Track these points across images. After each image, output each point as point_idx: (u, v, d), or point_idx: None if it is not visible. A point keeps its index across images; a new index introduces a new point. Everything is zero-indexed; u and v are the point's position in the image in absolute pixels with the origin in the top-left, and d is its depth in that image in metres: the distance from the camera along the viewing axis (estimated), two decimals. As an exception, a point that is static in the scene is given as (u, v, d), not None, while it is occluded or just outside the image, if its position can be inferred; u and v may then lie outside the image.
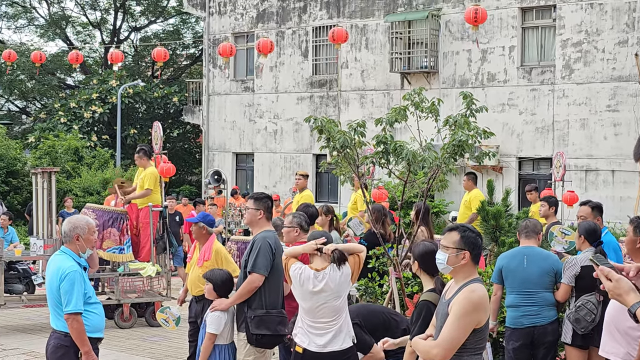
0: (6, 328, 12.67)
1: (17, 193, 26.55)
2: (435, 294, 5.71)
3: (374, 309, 7.43)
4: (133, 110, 34.80)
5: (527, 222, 7.96)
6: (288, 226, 7.75)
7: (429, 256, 5.77)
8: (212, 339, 7.07)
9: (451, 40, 23.15)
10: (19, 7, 40.71)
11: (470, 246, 4.88)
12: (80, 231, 6.22)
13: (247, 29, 27.82)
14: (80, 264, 6.20)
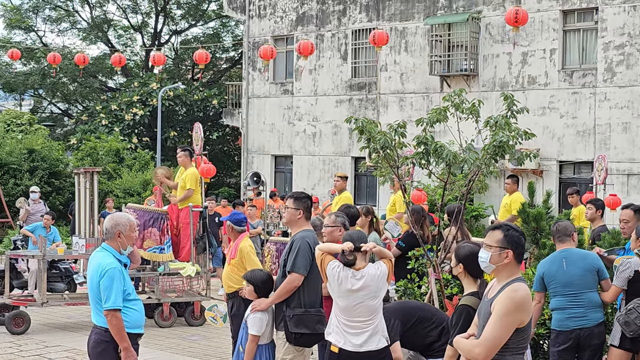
0: (48, 326, 12.84)
1: (59, 194, 26.92)
2: (475, 298, 5.64)
3: (411, 306, 7.30)
4: (173, 112, 35.09)
5: (557, 226, 7.84)
6: (331, 225, 7.75)
7: (474, 258, 5.72)
8: (255, 340, 7.08)
9: (491, 43, 23.01)
10: (62, 10, 41.25)
11: (513, 245, 4.85)
12: (122, 228, 6.29)
13: (287, 32, 27.91)
14: (120, 260, 6.27)
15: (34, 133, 29.30)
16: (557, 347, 7.50)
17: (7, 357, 10.55)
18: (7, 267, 13.24)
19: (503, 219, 14.11)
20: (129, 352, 6.13)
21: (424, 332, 6.87)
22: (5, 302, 12.77)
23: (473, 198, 21.54)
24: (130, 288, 6.29)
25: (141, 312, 6.37)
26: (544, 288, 7.64)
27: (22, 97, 44.49)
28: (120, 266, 6.23)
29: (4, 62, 39.27)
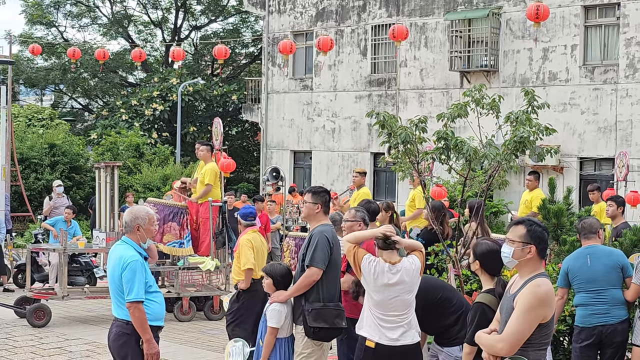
0: (69, 319, 12.93)
1: (79, 188, 27.08)
2: (492, 296, 5.60)
3: (435, 284, 7.23)
4: (193, 108, 35.19)
5: (583, 223, 7.80)
6: (351, 220, 7.76)
7: (491, 255, 5.69)
8: (274, 332, 7.09)
9: (512, 39, 22.91)
10: (83, 6, 41.48)
11: (536, 240, 4.83)
12: (141, 221, 6.32)
13: (306, 28, 27.91)
14: (141, 253, 6.30)
15: (54, 128, 29.50)
16: (580, 343, 7.46)
17: (29, 349, 10.64)
18: (28, 261, 13.34)
19: (523, 215, 14.04)
20: (151, 344, 6.16)
21: (445, 313, 6.82)
22: (26, 295, 12.86)
23: (493, 194, 21.46)
24: (152, 280, 6.33)
25: (162, 305, 6.39)
26: (568, 284, 7.61)
27: (43, 92, 44.78)
28: (142, 259, 6.27)
29: (26, 57, 39.54)
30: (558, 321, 7.84)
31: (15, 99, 39.45)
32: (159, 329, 6.36)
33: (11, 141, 23.84)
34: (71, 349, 10.66)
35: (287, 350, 7.18)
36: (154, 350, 6.18)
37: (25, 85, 41.75)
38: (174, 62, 28.73)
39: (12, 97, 26.33)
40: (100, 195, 13.28)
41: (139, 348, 6.19)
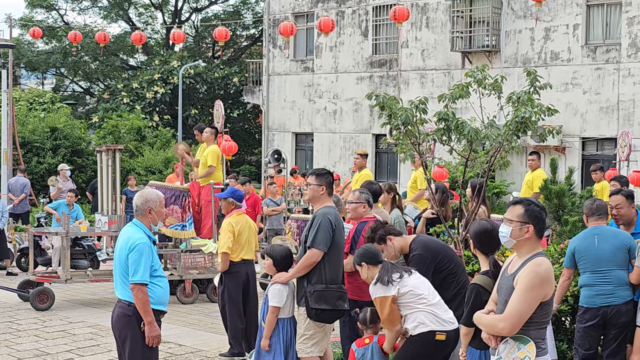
0: (72, 302, 12.97)
1: (81, 172, 27.12)
2: (487, 277, 5.61)
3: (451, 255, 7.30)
4: (194, 90, 35.14)
5: (595, 204, 7.77)
6: (355, 202, 7.76)
7: (484, 235, 5.68)
8: (275, 312, 7.12)
9: (514, 19, 22.82)
10: (83, -12, 41.37)
11: (534, 220, 4.84)
12: (152, 204, 6.31)
13: (307, 9, 27.81)
14: (150, 237, 6.30)
15: (56, 111, 29.50)
16: (584, 323, 7.45)
17: (32, 332, 10.68)
18: (31, 245, 13.37)
19: (525, 195, 14.03)
20: (152, 327, 6.17)
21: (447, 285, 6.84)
22: (29, 279, 12.90)
23: (494, 175, 21.46)
24: (158, 265, 6.32)
25: (166, 290, 6.38)
26: (575, 265, 7.60)
27: (44, 75, 44.75)
28: (150, 242, 6.27)
29: (26, 40, 39.46)
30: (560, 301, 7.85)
31: (17, 82, 39.42)
32: (161, 313, 6.35)
33: (13, 125, 23.85)
34: (74, 332, 10.70)
35: (289, 331, 7.20)
36: (155, 333, 6.19)
37: (26, 69, 41.70)
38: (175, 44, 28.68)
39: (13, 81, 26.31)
40: (102, 178, 13.28)
41: (140, 330, 6.20)
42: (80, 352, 9.61)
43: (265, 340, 7.14)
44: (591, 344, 7.44)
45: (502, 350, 4.84)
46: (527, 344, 4.76)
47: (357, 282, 7.65)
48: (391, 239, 7.00)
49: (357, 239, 7.66)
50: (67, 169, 19.53)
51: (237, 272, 9.16)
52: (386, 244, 6.99)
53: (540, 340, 4.81)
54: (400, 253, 7.07)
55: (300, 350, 7.10)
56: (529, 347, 4.75)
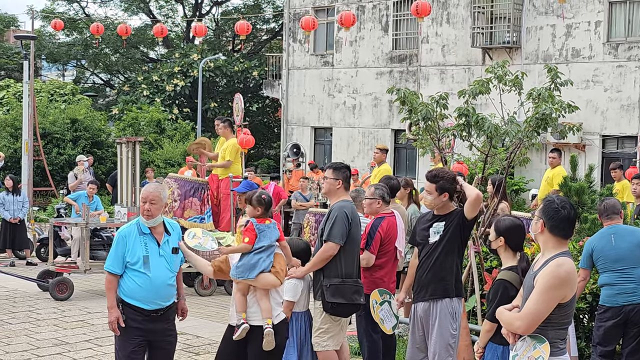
0: (91, 292, 13.06)
1: (101, 163, 27.25)
2: (513, 272, 5.59)
3: None
4: (213, 83, 35.21)
5: (605, 203, 7.75)
6: (369, 198, 7.79)
7: (515, 230, 5.69)
8: (289, 306, 7.12)
9: (535, 15, 22.70)
10: (105, -19, 41.54)
11: (546, 216, 4.80)
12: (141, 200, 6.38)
13: (328, 3, 27.78)
14: (142, 230, 6.29)
15: (76, 103, 29.65)
16: (605, 322, 7.43)
17: (52, 322, 10.77)
18: (51, 235, 13.47)
19: (544, 192, 13.98)
20: (110, 311, 6.25)
21: None
22: (49, 269, 13.01)
23: (514, 172, 21.37)
24: (136, 259, 6.22)
25: (143, 287, 6.23)
26: (591, 265, 7.57)
27: (65, 67, 45.00)
28: (130, 232, 6.27)
29: (48, 32, 39.69)
30: (578, 299, 7.83)
31: (38, 74, 39.63)
32: (140, 309, 6.25)
33: (34, 116, 24.00)
34: (93, 322, 10.78)
35: (303, 325, 7.20)
36: (110, 319, 6.25)
37: (48, 60, 41.93)
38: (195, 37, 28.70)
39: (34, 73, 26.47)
40: (122, 170, 13.35)
41: (121, 326, 6.25)
42: (99, 342, 9.68)
43: None
44: (611, 342, 7.43)
45: (520, 347, 4.85)
46: (543, 344, 4.75)
47: (373, 277, 7.66)
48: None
49: (373, 235, 7.66)
50: (85, 160, 19.62)
51: None
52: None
53: (558, 341, 4.78)
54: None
55: (316, 344, 7.11)
56: (544, 347, 4.74)
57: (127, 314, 6.25)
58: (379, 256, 7.73)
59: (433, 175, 6.78)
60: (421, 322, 6.76)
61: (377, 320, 7.53)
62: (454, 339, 6.67)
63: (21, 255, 16.49)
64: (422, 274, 6.74)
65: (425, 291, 6.69)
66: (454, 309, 6.68)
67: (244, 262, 6.47)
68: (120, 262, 6.23)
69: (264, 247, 6.49)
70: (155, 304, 6.28)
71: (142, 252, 6.23)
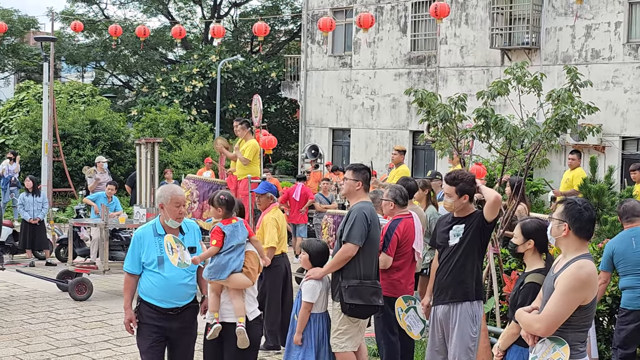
0: (110, 293, 13.12)
1: (120, 164, 27.36)
2: (543, 275, 5.53)
3: None
4: (232, 85, 35.29)
5: (625, 206, 7.69)
6: (384, 199, 7.81)
7: (542, 233, 5.63)
8: (308, 307, 7.12)
9: (554, 16, 22.60)
10: (124, -17, 41.73)
11: (570, 218, 4.77)
12: (164, 200, 6.37)
13: (346, 5, 27.78)
14: (157, 231, 6.36)
15: (95, 104, 29.80)
16: (627, 325, 7.38)
17: (71, 322, 10.82)
18: (70, 236, 13.54)
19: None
20: (125, 312, 6.40)
21: None
22: (68, 269, 13.07)
23: (533, 173, 21.28)
24: (151, 259, 6.30)
25: (157, 286, 6.31)
26: (612, 268, 7.52)
27: (85, 69, 45.22)
28: (145, 233, 6.35)
29: (67, 34, 39.91)
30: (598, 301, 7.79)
31: (57, 75, 39.89)
32: (157, 308, 6.34)
33: (53, 117, 24.13)
34: (112, 322, 10.83)
35: (321, 326, 7.20)
36: (125, 319, 6.40)
37: (67, 62, 42.18)
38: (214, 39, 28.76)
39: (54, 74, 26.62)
40: (141, 171, 13.39)
41: (140, 322, 6.37)
42: (118, 342, 9.72)
43: (297, 335, 7.14)
44: (632, 345, 7.38)
45: (539, 349, 4.82)
46: (562, 346, 4.72)
47: (390, 279, 7.65)
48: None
49: (390, 237, 7.64)
50: (105, 161, 19.72)
51: (278, 265, 9.27)
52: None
53: (578, 344, 4.75)
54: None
55: (335, 345, 7.11)
56: (564, 350, 4.71)
57: (145, 312, 6.36)
58: (396, 258, 7.72)
59: (452, 178, 6.75)
60: (441, 325, 6.74)
61: (404, 327, 7.51)
62: (473, 342, 6.65)
63: (41, 255, 16.59)
64: (442, 276, 6.72)
65: (445, 294, 6.67)
66: (474, 312, 6.66)
67: (214, 264, 6.56)
68: (137, 262, 6.34)
69: (233, 246, 6.60)
70: (170, 303, 6.35)
71: (157, 253, 6.30)
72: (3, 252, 14.66)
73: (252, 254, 6.74)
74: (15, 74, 43.25)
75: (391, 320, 7.71)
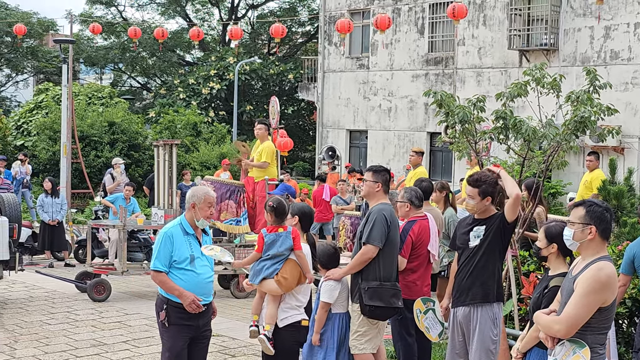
0: (128, 294, 13.17)
1: (138, 166, 27.47)
2: None
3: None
4: (249, 86, 35.35)
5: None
6: (400, 201, 7.80)
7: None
8: (325, 307, 7.11)
9: (573, 17, 22.48)
10: (142, -15, 41.90)
11: (596, 221, 4.74)
12: (196, 200, 6.43)
13: (363, 6, 27.77)
14: (186, 230, 6.40)
15: (114, 106, 29.94)
16: None
17: (89, 323, 10.87)
18: (89, 237, 13.61)
19: (582, 196, 13.83)
20: (183, 296, 6.30)
21: None
22: (87, 270, 13.14)
23: (551, 175, 21.18)
24: (182, 257, 6.35)
25: (188, 284, 6.37)
26: (632, 271, 7.45)
27: (103, 70, 45.44)
28: (175, 232, 6.36)
29: (86, 36, 40.13)
30: (618, 304, 7.73)
31: (76, 77, 40.10)
32: (184, 307, 6.38)
33: (72, 119, 24.27)
34: (130, 323, 10.87)
35: (344, 326, 7.18)
36: (188, 301, 6.31)
37: (86, 64, 42.40)
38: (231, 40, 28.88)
39: (72, 76, 26.77)
40: (159, 173, 13.44)
41: (159, 317, 6.41)
42: (136, 344, 9.75)
43: (315, 336, 7.14)
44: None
45: (558, 352, 4.79)
46: (583, 348, 4.69)
47: (406, 281, 7.63)
48: None
49: (404, 239, 7.62)
50: (121, 162, 19.79)
51: None
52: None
53: (597, 346, 4.72)
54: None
55: (353, 346, 7.10)
56: (584, 352, 4.68)
57: (174, 313, 6.37)
58: (411, 260, 7.70)
59: (475, 180, 6.74)
60: (461, 328, 6.72)
61: (422, 329, 7.49)
62: (494, 345, 6.61)
63: (59, 256, 16.68)
64: (463, 278, 6.70)
65: (466, 296, 6.65)
66: (495, 314, 6.64)
67: (253, 268, 6.85)
68: (168, 260, 6.35)
69: (270, 255, 6.77)
70: (200, 300, 6.42)
71: (189, 252, 6.38)
72: (22, 253, 14.75)
73: (290, 264, 6.78)
74: (34, 76, 43.51)
75: (407, 322, 7.69)
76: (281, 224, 6.86)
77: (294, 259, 6.78)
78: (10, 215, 12.26)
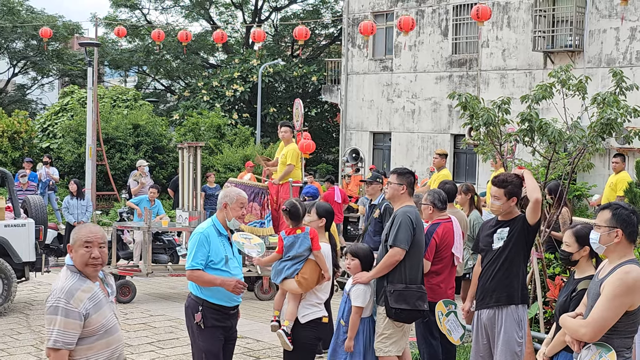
0: (153, 295, 13.23)
1: (162, 168, 27.61)
2: None
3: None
4: (273, 89, 35.42)
5: None
6: (423, 203, 7.81)
7: None
8: (359, 312, 7.09)
9: (598, 18, 22.34)
10: (166, -12, 42.10)
11: (622, 224, 4.72)
12: (229, 200, 6.50)
13: (387, 8, 27.74)
14: (219, 231, 6.44)
15: (138, 109, 30.11)
16: None
17: (114, 324, 10.92)
18: (114, 239, 13.69)
19: (608, 198, 13.74)
20: (226, 282, 6.30)
21: None
22: (112, 272, 13.21)
23: (576, 177, 21.04)
24: (218, 258, 6.38)
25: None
26: None
27: (127, 73, 45.70)
28: (210, 233, 6.40)
29: (110, 39, 40.39)
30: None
31: (101, 80, 40.38)
32: (220, 308, 6.41)
33: (97, 122, 24.44)
34: (155, 325, 10.92)
35: (368, 330, 7.18)
36: (232, 283, 6.31)
37: (110, 66, 42.69)
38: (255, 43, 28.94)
39: (97, 79, 26.96)
40: (183, 175, 13.51)
41: (193, 320, 6.37)
42: (161, 345, 9.80)
43: (349, 342, 7.10)
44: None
45: (585, 355, 4.76)
46: (609, 352, 4.66)
47: (430, 284, 7.61)
48: None
49: (428, 242, 7.61)
50: (145, 164, 19.89)
51: None
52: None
53: (624, 350, 4.70)
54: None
55: (379, 349, 7.09)
56: (611, 356, 4.65)
57: (210, 314, 6.39)
58: (435, 262, 7.70)
59: (501, 181, 6.72)
60: (485, 330, 6.69)
61: (444, 331, 7.48)
62: (520, 347, 6.58)
63: (85, 258, 16.74)
64: (486, 280, 6.67)
65: (490, 298, 6.62)
66: (520, 317, 6.60)
67: (274, 267, 7.01)
68: (205, 260, 6.35)
69: (290, 256, 6.87)
70: (233, 301, 6.49)
71: (224, 252, 6.44)
72: (48, 254, 14.85)
73: (310, 265, 6.86)
74: (59, 79, 43.88)
75: (431, 325, 7.68)
76: (298, 226, 6.92)
77: (313, 259, 6.83)
78: (36, 217, 12.37)
